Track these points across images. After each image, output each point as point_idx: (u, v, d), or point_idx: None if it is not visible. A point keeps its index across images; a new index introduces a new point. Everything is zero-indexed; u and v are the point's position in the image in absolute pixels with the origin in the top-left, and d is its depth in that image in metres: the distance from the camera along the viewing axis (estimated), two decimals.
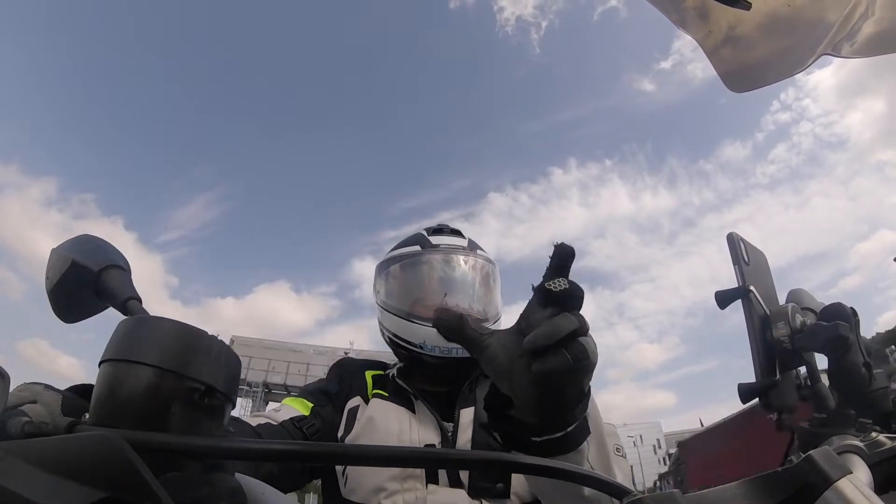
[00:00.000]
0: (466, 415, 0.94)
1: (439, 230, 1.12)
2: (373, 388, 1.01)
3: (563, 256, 0.44)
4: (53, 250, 0.51)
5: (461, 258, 1.06)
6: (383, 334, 1.09)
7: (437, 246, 1.06)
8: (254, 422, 0.88)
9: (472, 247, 1.10)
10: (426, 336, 0.97)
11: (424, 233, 1.12)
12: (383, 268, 1.11)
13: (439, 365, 0.99)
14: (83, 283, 0.48)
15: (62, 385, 0.44)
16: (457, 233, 1.12)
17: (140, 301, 0.46)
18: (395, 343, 1.05)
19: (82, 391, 0.44)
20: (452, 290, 1.02)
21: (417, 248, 1.07)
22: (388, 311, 1.05)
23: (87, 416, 0.34)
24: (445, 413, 0.96)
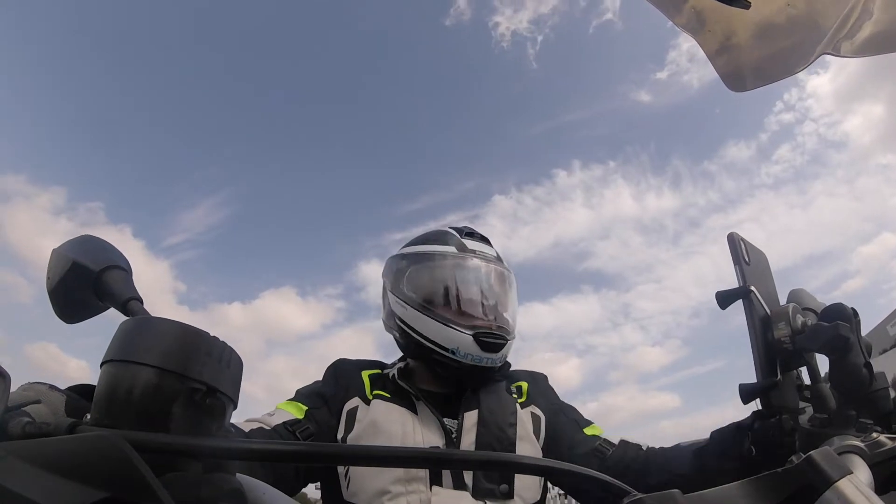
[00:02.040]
0: (470, 418, 0.94)
1: (471, 234, 1.10)
2: (371, 389, 1.00)
3: None
4: (54, 250, 0.51)
5: (499, 269, 1.06)
6: (395, 326, 1.06)
7: (474, 251, 1.05)
8: (246, 427, 0.86)
9: (499, 257, 1.10)
10: (461, 342, 0.96)
11: (456, 234, 1.08)
12: (412, 260, 1.06)
13: (458, 369, 0.98)
14: (84, 283, 0.48)
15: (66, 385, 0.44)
16: (486, 240, 1.11)
17: (141, 301, 0.46)
18: (410, 337, 1.02)
19: (83, 391, 0.44)
20: (492, 301, 1.02)
21: (452, 249, 1.05)
22: (418, 310, 1.01)
23: (89, 416, 0.34)
24: (447, 415, 0.95)
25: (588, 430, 1.01)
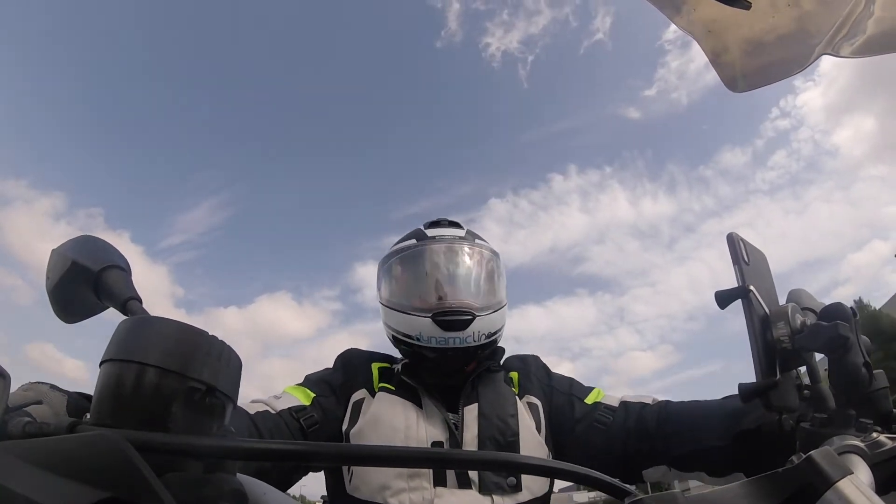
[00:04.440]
0: (470, 412, 0.94)
1: (436, 223, 1.11)
2: (379, 381, 1.01)
3: None
4: (54, 250, 0.51)
5: (456, 247, 1.05)
6: (387, 332, 1.09)
7: (432, 237, 1.06)
8: (252, 409, 0.87)
9: (470, 237, 1.09)
10: (422, 328, 0.96)
11: (422, 227, 1.11)
12: (382, 265, 1.10)
13: (439, 358, 0.98)
14: (83, 283, 0.48)
15: (68, 387, 0.44)
16: (455, 224, 1.12)
17: (140, 301, 0.46)
18: (396, 339, 1.04)
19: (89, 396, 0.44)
20: (446, 280, 1.01)
21: (413, 241, 1.07)
22: (387, 306, 1.05)
23: (89, 416, 0.34)
24: (451, 408, 0.95)
25: (589, 399, 1.00)
